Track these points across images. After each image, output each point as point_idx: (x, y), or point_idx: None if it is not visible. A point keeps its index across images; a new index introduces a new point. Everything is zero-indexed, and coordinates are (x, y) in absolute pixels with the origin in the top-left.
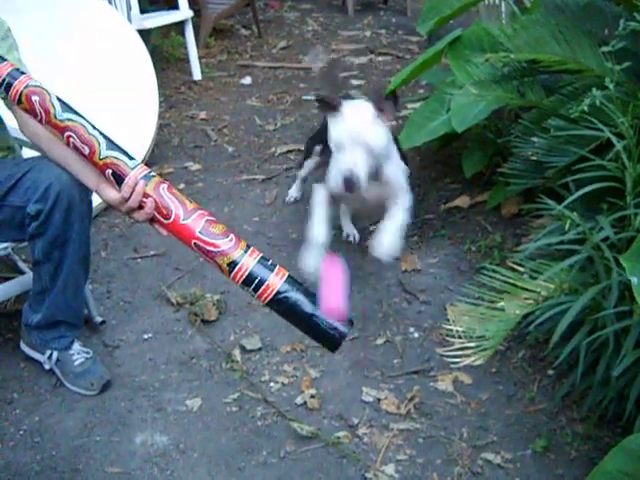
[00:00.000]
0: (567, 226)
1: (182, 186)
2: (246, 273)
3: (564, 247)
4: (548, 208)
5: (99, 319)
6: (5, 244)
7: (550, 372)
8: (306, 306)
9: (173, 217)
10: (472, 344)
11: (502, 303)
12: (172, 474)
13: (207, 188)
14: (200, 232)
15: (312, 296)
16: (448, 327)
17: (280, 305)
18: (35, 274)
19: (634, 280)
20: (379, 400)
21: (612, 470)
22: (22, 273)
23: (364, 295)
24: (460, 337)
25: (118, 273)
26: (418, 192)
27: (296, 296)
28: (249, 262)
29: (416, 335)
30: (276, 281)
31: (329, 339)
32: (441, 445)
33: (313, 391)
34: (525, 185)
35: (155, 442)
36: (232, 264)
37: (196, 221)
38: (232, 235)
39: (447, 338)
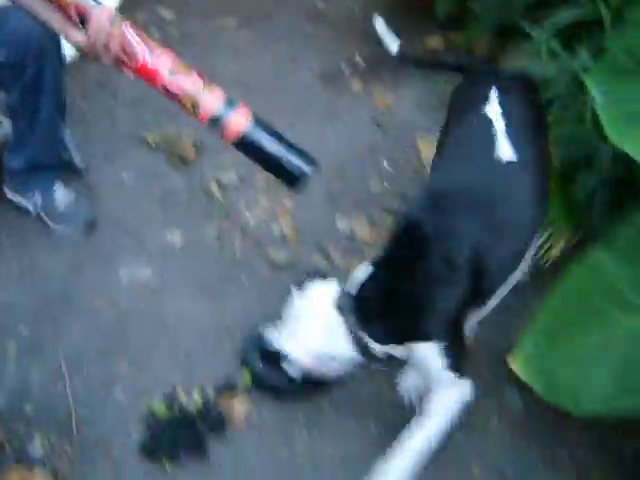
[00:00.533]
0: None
1: (156, 35)
2: (210, 114)
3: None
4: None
5: (80, 163)
6: None
7: None
8: (269, 146)
9: (140, 60)
10: None
11: None
12: (158, 304)
13: (182, 36)
14: (166, 74)
15: (276, 135)
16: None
17: (244, 145)
18: (13, 122)
19: (597, 97)
20: (353, 229)
21: (571, 283)
22: None
23: (338, 131)
24: None
25: (96, 119)
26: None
27: (259, 136)
28: (214, 103)
29: (390, 169)
30: (240, 122)
31: (292, 178)
32: None
33: (289, 221)
34: (495, 21)
35: (139, 275)
36: (197, 105)
37: (163, 63)
38: (198, 77)
39: (419, 169)
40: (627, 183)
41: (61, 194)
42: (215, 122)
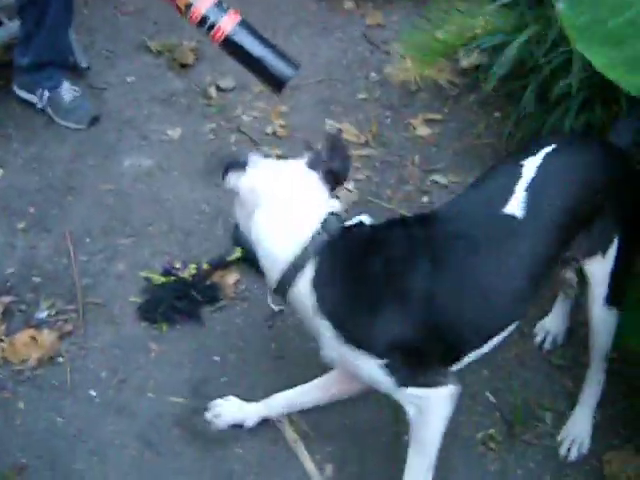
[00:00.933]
0: None
1: None
2: (200, 14)
3: None
4: None
5: (85, 64)
6: None
7: (496, 114)
8: (254, 49)
9: None
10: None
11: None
12: (158, 190)
13: None
14: None
15: (261, 39)
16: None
17: (230, 47)
18: (21, 20)
19: (559, 6)
20: (341, 131)
21: None
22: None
23: (330, 45)
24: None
25: (100, 27)
26: None
27: (245, 39)
28: (204, 4)
29: (376, 78)
30: (228, 24)
31: (275, 80)
32: (395, 168)
33: (282, 122)
34: None
35: (142, 164)
36: (188, 5)
37: None
38: None
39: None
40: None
41: (67, 90)
42: (204, 22)
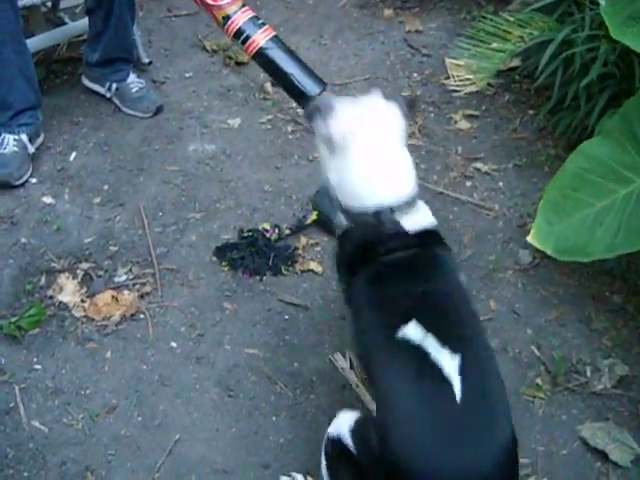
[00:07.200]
0: None
1: None
2: (236, 27)
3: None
4: None
5: (147, 60)
6: None
7: (530, 112)
8: (284, 64)
9: None
10: (470, 76)
11: (495, 44)
12: (221, 171)
13: None
14: None
15: (292, 56)
16: (446, 77)
17: (262, 59)
18: (90, 21)
19: (601, 2)
20: None
21: (572, 168)
22: (65, 24)
23: (374, 48)
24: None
25: (156, 28)
26: None
27: (276, 53)
28: (240, 18)
29: (418, 78)
30: (261, 38)
31: (301, 95)
32: (440, 157)
33: None
34: None
35: (205, 149)
36: (226, 18)
37: None
38: None
39: (444, 82)
40: (624, 80)
41: (133, 82)
42: (239, 35)
